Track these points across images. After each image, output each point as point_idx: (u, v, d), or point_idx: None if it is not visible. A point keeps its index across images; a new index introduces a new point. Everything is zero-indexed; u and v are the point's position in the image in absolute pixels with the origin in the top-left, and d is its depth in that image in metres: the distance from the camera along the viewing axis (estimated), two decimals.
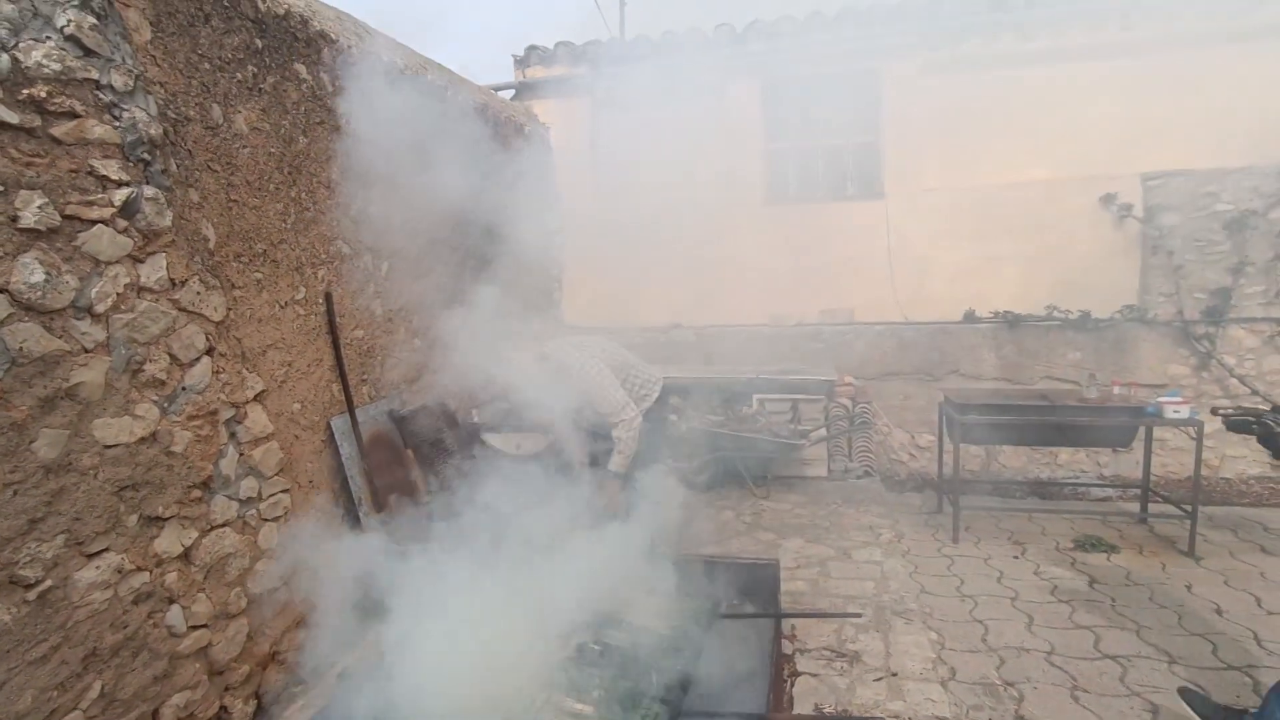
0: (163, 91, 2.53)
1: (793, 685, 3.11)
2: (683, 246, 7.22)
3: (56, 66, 2.13)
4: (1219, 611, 3.75)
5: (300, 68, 3.26)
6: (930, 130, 6.77)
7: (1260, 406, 2.70)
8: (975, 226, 6.60)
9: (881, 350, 6.69)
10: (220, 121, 2.79)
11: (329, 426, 3.30)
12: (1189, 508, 4.52)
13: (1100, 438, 5.00)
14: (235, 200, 2.85)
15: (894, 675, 3.16)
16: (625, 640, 2.46)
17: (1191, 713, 2.75)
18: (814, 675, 3.16)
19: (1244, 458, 6.06)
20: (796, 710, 2.96)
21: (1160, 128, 6.25)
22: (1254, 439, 2.74)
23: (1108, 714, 2.92)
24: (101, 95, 2.28)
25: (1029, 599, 3.96)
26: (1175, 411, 4.43)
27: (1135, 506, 5.34)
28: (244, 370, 2.85)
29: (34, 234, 2.05)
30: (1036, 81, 6.52)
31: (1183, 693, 2.86)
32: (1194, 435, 4.49)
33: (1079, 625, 3.65)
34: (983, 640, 3.54)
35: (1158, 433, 5.43)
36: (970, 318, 6.54)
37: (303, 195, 3.21)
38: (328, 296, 3.30)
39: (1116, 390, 4.87)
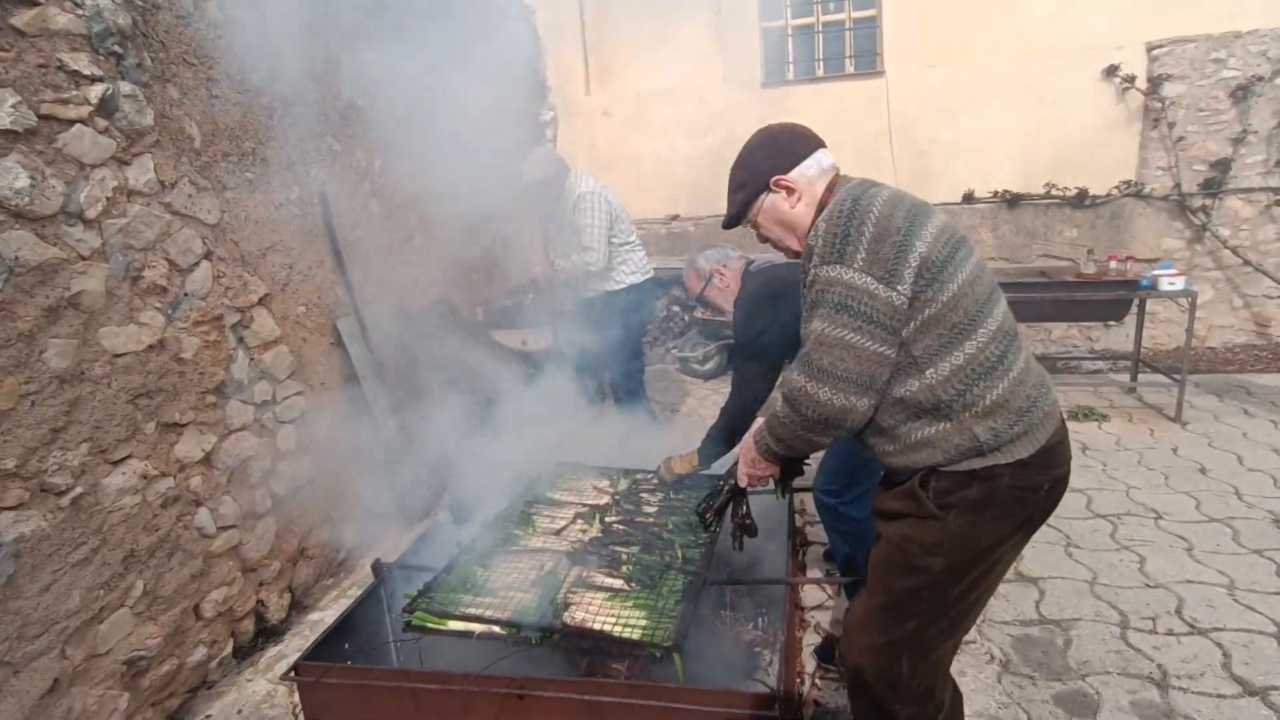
0: None
1: (804, 554, 3.27)
2: (679, 134, 6.99)
3: None
4: (1203, 471, 3.92)
5: None
6: (930, 3, 6.45)
7: None
8: (975, 104, 6.40)
9: None
10: (191, 10, 2.61)
11: (336, 329, 3.28)
12: (1178, 376, 4.64)
13: (1096, 312, 5.06)
14: (217, 96, 2.71)
15: None
16: (649, 518, 2.56)
17: None
18: (823, 544, 3.31)
19: (1231, 327, 6.18)
20: (810, 574, 3.13)
21: None
22: None
23: (1099, 566, 3.10)
24: None
25: None
26: (1170, 283, 4.47)
27: (1125, 378, 5.48)
28: (245, 274, 2.80)
29: (11, 135, 1.96)
30: None
31: None
32: (1186, 306, 4.55)
33: (1072, 489, 3.79)
34: None
35: (1149, 305, 5.50)
36: (969, 198, 6.46)
37: (288, 90, 3.05)
38: (323, 196, 3.20)
39: (1113, 265, 4.88)
